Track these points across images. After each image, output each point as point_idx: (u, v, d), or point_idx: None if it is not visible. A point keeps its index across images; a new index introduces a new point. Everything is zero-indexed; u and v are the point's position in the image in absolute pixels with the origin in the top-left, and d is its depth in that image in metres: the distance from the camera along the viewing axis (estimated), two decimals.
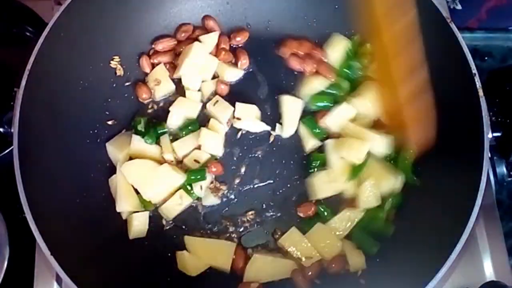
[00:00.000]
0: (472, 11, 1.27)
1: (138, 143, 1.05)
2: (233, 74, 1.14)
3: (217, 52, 1.15)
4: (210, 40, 1.15)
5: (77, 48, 1.05)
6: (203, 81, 1.13)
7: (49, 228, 0.87)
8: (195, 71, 1.12)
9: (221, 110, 1.09)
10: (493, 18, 1.28)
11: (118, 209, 1.01)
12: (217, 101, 1.10)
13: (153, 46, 1.15)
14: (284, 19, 1.18)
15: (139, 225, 1.01)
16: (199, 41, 1.14)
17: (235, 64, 1.15)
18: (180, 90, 1.13)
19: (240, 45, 1.17)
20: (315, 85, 1.11)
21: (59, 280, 0.99)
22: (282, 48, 1.14)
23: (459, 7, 1.24)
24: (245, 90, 1.14)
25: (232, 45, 1.17)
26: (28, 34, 1.20)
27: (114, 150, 1.06)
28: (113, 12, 1.08)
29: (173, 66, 1.15)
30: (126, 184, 1.02)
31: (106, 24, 1.08)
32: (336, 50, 1.12)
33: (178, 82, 1.14)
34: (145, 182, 1.02)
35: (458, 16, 1.24)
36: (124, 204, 1.01)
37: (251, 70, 1.16)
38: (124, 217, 1.02)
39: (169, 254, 1.01)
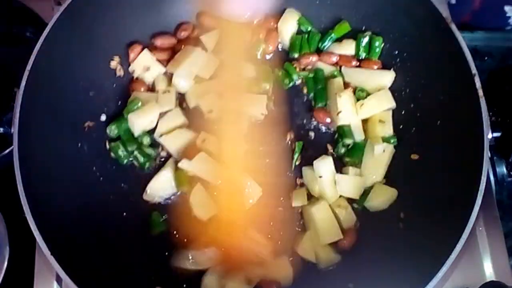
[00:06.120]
0: (466, 4, 1.28)
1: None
2: None
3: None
4: (211, 39, 1.15)
5: (77, 48, 1.05)
6: (195, 83, 1.14)
7: (49, 228, 0.87)
8: (189, 75, 1.12)
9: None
10: (486, 9, 1.28)
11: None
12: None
13: (152, 41, 1.15)
14: None
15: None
16: (200, 40, 1.14)
17: None
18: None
19: None
20: None
21: (59, 280, 0.99)
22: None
23: (453, 1, 1.24)
24: None
25: None
26: (28, 34, 1.20)
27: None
28: (113, 12, 1.08)
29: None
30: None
31: (106, 24, 1.08)
32: (287, 22, 1.15)
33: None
34: None
35: (453, 11, 1.24)
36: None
37: None
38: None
39: (171, 254, 1.01)
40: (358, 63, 1.13)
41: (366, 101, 1.08)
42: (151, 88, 1.15)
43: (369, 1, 1.11)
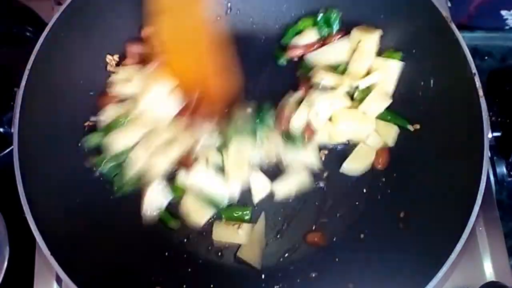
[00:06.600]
0: (462, 8, 1.28)
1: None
2: None
3: None
4: None
5: (77, 48, 1.05)
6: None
7: (49, 228, 0.87)
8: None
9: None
10: (482, 14, 1.28)
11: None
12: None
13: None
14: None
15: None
16: None
17: None
18: None
19: None
20: None
21: (59, 280, 0.99)
22: None
23: (448, 4, 1.24)
24: None
25: None
26: (28, 34, 1.20)
27: None
28: (113, 12, 1.08)
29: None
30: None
31: (106, 24, 1.08)
32: None
33: None
34: None
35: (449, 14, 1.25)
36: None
37: None
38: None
39: (172, 255, 1.01)
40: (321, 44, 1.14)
41: (366, 101, 1.07)
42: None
43: (368, 1, 1.11)
